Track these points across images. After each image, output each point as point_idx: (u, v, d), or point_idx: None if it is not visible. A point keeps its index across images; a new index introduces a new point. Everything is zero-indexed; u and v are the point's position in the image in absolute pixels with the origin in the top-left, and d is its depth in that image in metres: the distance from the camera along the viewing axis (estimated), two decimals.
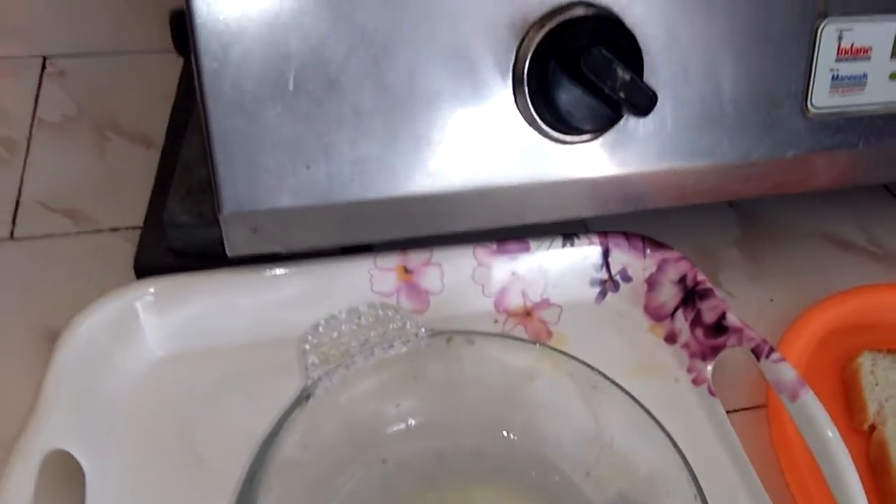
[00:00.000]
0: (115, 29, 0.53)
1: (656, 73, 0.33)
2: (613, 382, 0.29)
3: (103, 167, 0.44)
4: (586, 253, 0.39)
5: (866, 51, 0.36)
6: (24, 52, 0.50)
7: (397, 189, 0.32)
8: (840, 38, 0.36)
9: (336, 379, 0.27)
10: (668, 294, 0.38)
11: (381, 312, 0.32)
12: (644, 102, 0.29)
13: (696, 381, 0.35)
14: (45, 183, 0.42)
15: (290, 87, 0.30)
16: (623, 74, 0.29)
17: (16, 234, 0.40)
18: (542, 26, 0.31)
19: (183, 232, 0.34)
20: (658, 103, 0.33)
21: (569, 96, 0.31)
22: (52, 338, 0.34)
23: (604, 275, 0.39)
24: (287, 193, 0.31)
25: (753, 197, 0.40)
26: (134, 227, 0.40)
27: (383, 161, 0.31)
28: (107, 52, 0.52)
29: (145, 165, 0.42)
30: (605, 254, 0.39)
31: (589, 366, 0.29)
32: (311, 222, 0.32)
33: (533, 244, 0.38)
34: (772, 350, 0.33)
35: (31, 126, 0.46)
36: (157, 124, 0.45)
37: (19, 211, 0.41)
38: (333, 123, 0.30)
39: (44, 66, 0.50)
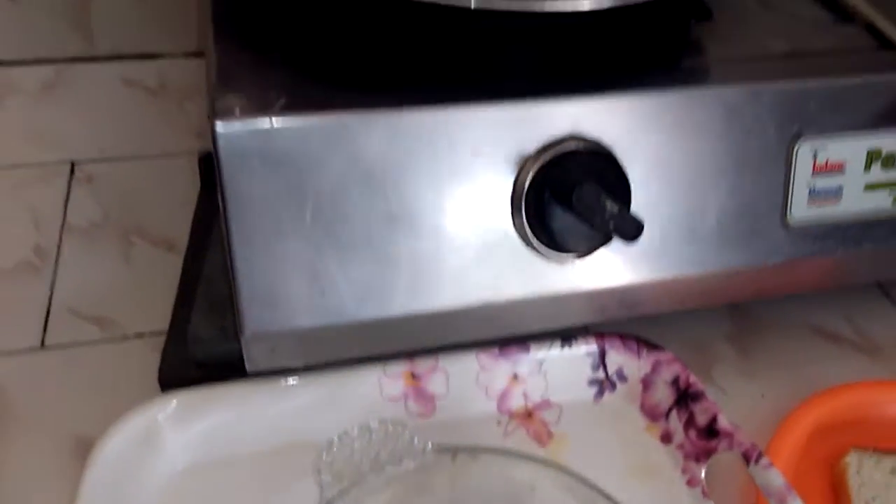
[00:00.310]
0: (141, 133, 0.57)
1: (645, 193, 0.36)
2: (609, 497, 0.30)
3: (128, 272, 0.47)
4: (584, 354, 0.41)
5: (840, 165, 0.39)
6: (54, 157, 0.54)
7: (405, 308, 0.34)
8: (815, 156, 0.38)
9: (349, 498, 0.29)
10: (663, 394, 0.40)
11: (390, 428, 0.34)
12: (631, 232, 0.32)
13: (690, 483, 0.37)
14: (74, 289, 0.45)
15: (308, 219, 0.32)
16: (611, 207, 0.32)
17: (46, 341, 0.42)
18: (537, 159, 0.34)
19: (205, 346, 0.37)
20: (647, 220, 0.36)
21: (562, 223, 0.33)
22: (80, 445, 0.36)
23: (601, 375, 0.41)
24: (304, 315, 0.33)
25: (741, 301, 0.42)
26: (158, 333, 0.42)
27: (392, 283, 0.34)
28: (133, 156, 0.55)
29: (168, 269, 0.45)
30: (602, 355, 0.41)
31: (586, 481, 0.31)
32: (326, 340, 0.35)
33: (533, 347, 0.40)
34: (761, 455, 0.35)
35: (61, 232, 0.49)
36: (180, 227, 0.48)
37: (50, 318, 0.43)
38: (347, 251, 0.33)
39: (72, 172, 0.53)
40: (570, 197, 0.32)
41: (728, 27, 0.41)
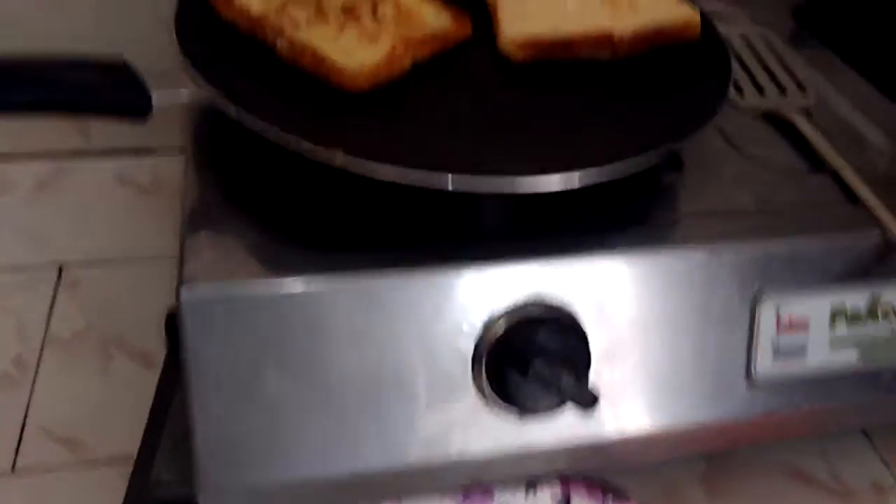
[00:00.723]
0: (132, 234, 0.58)
1: (608, 350, 0.36)
2: None
3: (105, 388, 0.47)
4: (548, 499, 0.41)
5: (805, 323, 0.39)
6: (42, 259, 0.55)
7: (365, 465, 0.35)
8: (778, 312, 0.39)
9: None
10: None
11: None
12: (587, 402, 0.32)
13: None
14: (50, 407, 0.46)
15: (270, 381, 0.33)
16: (567, 381, 0.32)
17: (17, 465, 0.43)
18: (498, 324, 0.34)
19: (166, 489, 0.37)
20: (610, 376, 0.36)
21: (521, 388, 0.34)
22: None
23: None
24: (260, 473, 0.34)
25: (710, 452, 0.42)
26: (127, 457, 0.42)
27: (352, 441, 0.34)
28: (121, 258, 0.56)
29: (144, 387, 0.45)
30: (567, 501, 0.41)
31: None
32: (285, 494, 0.35)
33: (497, 492, 0.40)
34: None
35: (42, 343, 0.49)
36: (161, 339, 0.48)
37: (23, 439, 0.44)
38: (308, 411, 0.33)
39: (60, 276, 0.54)
40: (528, 366, 0.33)
41: (698, 175, 0.42)
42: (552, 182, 0.33)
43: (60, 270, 0.54)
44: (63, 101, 0.33)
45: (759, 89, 0.49)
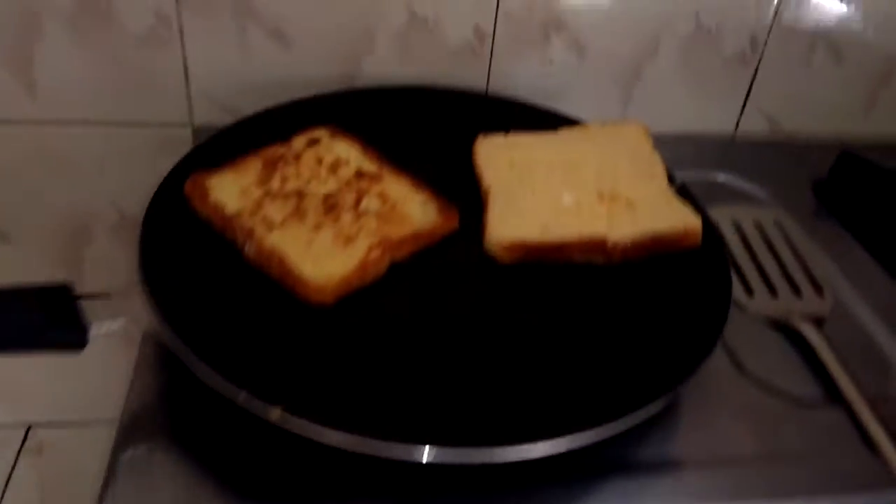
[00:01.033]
0: (106, 390, 0.55)
1: None
2: None
3: None
4: None
5: None
6: (11, 419, 0.53)
7: None
8: None
9: None
10: None
11: None
12: None
13: None
14: None
15: None
16: None
17: None
18: None
19: None
20: None
21: None
22: None
23: None
24: None
25: None
26: None
27: None
28: (89, 420, 0.53)
29: None
30: None
31: None
32: None
33: None
34: None
35: None
36: None
37: None
38: None
39: (25, 439, 0.52)
40: None
41: (695, 404, 0.38)
42: (535, 450, 0.30)
43: (27, 433, 0.52)
44: None
45: (772, 289, 0.46)
